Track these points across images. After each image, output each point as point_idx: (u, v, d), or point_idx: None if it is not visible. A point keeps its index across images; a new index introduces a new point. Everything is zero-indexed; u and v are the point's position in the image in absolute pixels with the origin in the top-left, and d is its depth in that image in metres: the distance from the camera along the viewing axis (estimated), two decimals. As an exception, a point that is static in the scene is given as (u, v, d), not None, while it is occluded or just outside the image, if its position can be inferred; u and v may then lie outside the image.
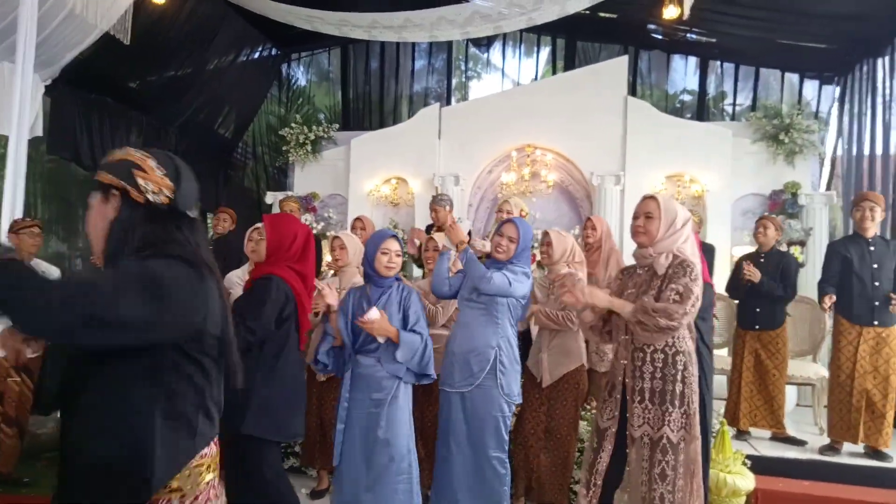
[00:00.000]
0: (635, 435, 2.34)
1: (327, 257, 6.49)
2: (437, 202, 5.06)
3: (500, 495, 2.96)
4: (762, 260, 4.49)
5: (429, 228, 5.29)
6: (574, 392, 3.37)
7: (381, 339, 2.75)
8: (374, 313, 2.67)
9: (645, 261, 2.45)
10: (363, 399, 2.81)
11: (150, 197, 1.33)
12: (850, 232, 4.45)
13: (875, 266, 4.10)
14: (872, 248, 4.14)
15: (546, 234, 3.51)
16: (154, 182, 1.33)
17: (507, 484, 3.01)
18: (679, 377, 2.35)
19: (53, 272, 4.05)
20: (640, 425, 2.34)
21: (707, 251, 4.35)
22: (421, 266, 5.49)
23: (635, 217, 2.48)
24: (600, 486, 2.36)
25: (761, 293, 4.36)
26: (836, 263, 4.22)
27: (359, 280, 3.62)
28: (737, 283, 4.50)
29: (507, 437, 3.01)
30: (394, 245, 2.88)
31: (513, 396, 3.02)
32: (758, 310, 4.44)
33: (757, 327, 4.46)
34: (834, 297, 4.13)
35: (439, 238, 3.78)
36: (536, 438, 3.33)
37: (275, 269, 2.62)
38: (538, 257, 3.62)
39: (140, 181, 1.32)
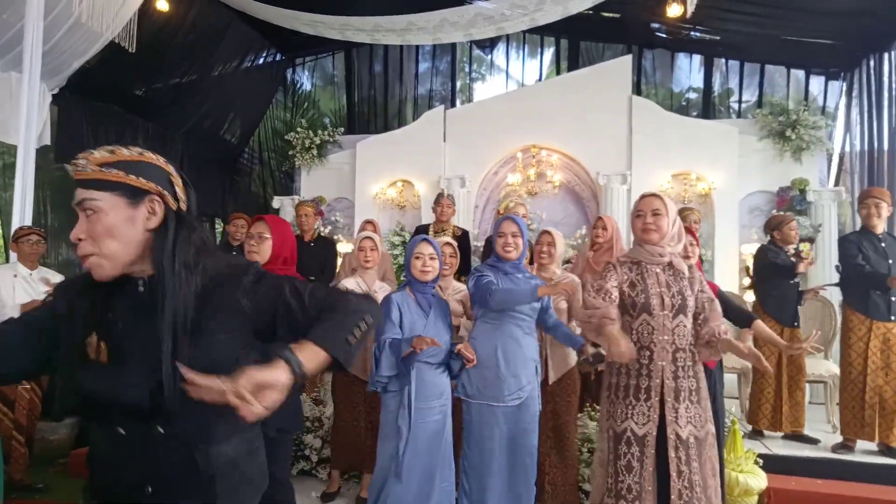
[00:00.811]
0: (682, 436, 2.30)
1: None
2: (444, 197, 5.18)
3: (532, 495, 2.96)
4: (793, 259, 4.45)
5: (425, 228, 5.30)
6: (574, 389, 3.40)
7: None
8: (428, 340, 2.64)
9: (661, 259, 2.42)
10: (424, 408, 2.78)
11: (182, 204, 1.28)
12: (858, 228, 4.40)
13: (891, 261, 4.06)
14: (884, 244, 4.11)
15: (548, 233, 3.48)
16: (180, 188, 1.29)
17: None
18: (703, 374, 2.41)
19: (59, 280, 4.07)
20: (685, 425, 2.32)
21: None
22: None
23: (640, 215, 2.44)
24: (652, 492, 2.31)
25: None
26: (855, 251, 4.12)
27: (381, 283, 3.62)
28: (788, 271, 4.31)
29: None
30: (426, 248, 2.87)
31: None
32: (800, 307, 4.39)
33: (796, 324, 4.37)
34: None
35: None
36: (545, 438, 3.31)
37: (290, 270, 2.62)
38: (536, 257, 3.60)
39: (177, 189, 1.27)
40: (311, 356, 1.13)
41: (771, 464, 3.71)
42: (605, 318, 2.29)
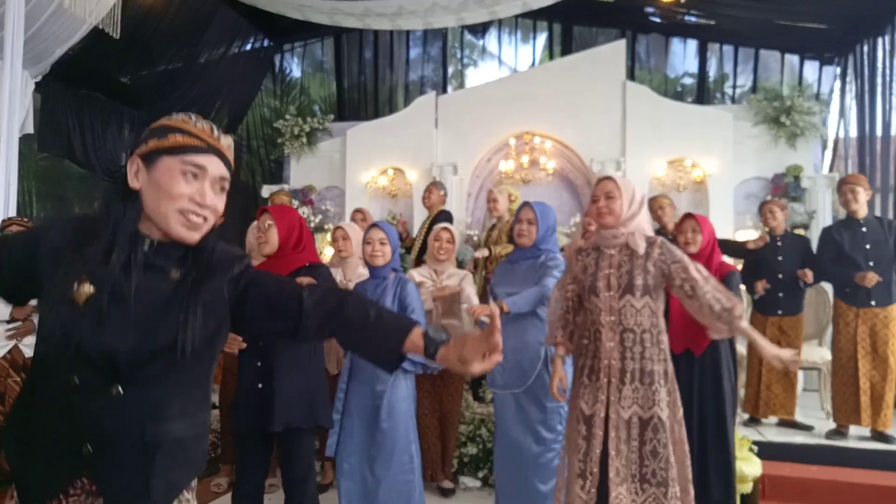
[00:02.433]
0: (624, 416, 2.33)
1: (326, 250, 6.49)
2: (431, 184, 5.31)
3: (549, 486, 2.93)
4: (780, 244, 4.45)
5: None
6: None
7: None
8: None
9: (616, 241, 2.44)
10: (363, 390, 2.80)
11: None
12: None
13: (868, 247, 4.06)
14: (865, 229, 4.11)
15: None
16: None
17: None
18: (663, 356, 2.39)
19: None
20: (629, 406, 2.33)
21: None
22: (408, 251, 5.51)
23: (595, 200, 2.47)
24: (597, 474, 2.33)
25: (784, 278, 4.32)
26: (829, 250, 4.20)
27: (364, 272, 3.59)
28: (754, 269, 4.40)
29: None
30: (377, 234, 2.87)
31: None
32: (780, 295, 4.38)
33: (780, 313, 4.40)
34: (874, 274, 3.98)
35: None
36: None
37: (311, 257, 2.65)
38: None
39: None
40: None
41: (765, 450, 3.73)
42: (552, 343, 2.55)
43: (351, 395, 2.84)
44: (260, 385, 2.41)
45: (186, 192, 1.20)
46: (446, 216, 5.17)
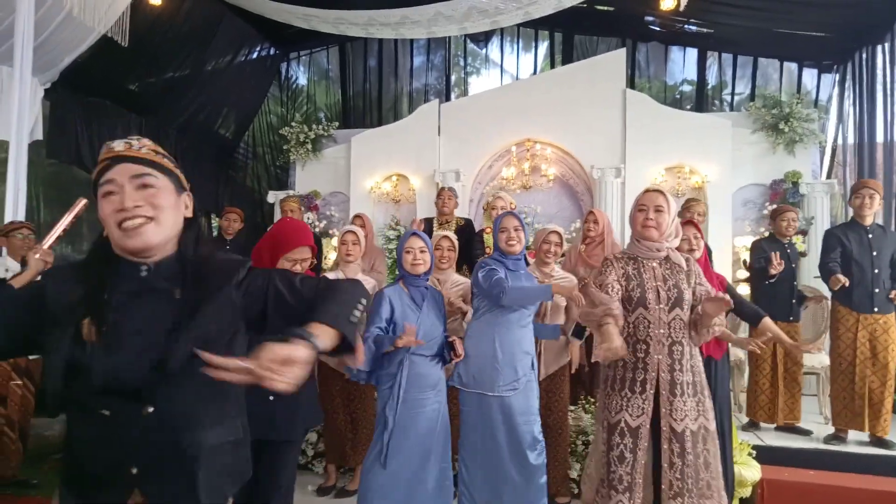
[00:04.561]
0: (678, 429, 2.31)
1: (330, 255, 6.54)
2: (445, 189, 5.27)
3: (541, 489, 2.93)
4: (788, 251, 4.48)
5: (431, 221, 5.30)
6: (565, 385, 3.47)
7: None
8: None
9: (658, 254, 2.44)
10: (419, 398, 2.79)
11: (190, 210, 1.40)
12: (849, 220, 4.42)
13: (874, 253, 4.08)
14: (871, 236, 4.12)
15: (558, 233, 3.46)
16: (189, 196, 1.42)
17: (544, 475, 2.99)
18: (700, 368, 2.41)
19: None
20: (681, 419, 2.32)
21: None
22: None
23: (643, 210, 2.44)
24: (640, 484, 2.32)
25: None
26: (834, 249, 4.18)
27: (362, 276, 3.64)
28: (763, 274, 4.34)
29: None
30: (416, 242, 2.90)
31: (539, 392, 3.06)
32: (794, 301, 4.41)
33: (791, 319, 4.40)
34: (843, 278, 3.96)
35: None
36: None
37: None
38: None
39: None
40: (321, 334, 1.19)
41: (764, 455, 3.74)
42: (608, 315, 2.27)
43: (406, 405, 2.78)
44: (272, 397, 2.20)
45: (110, 209, 1.25)
46: (470, 227, 5.24)
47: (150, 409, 1.22)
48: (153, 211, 1.25)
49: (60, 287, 1.26)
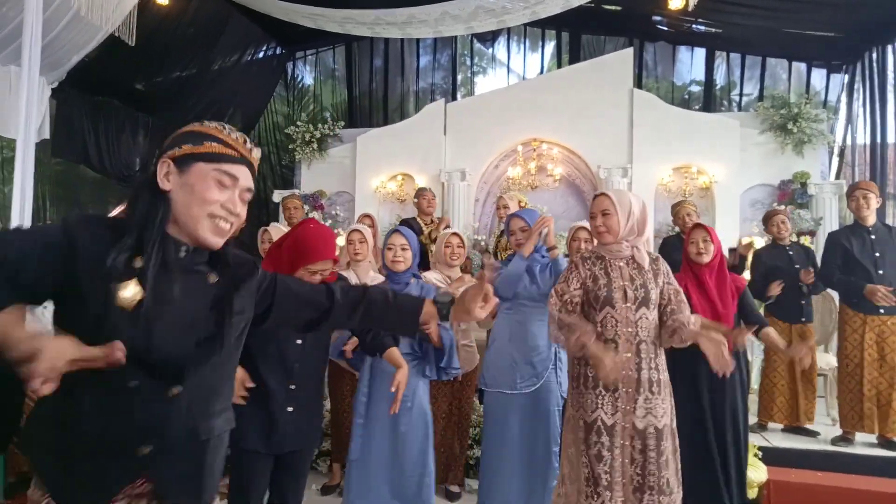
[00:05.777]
0: (640, 426, 2.34)
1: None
2: (428, 190, 5.47)
3: (550, 492, 2.91)
4: (791, 253, 4.46)
5: (408, 222, 5.34)
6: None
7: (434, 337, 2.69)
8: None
9: (622, 254, 2.47)
10: (384, 394, 2.76)
11: None
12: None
13: (877, 254, 4.05)
14: (874, 237, 4.09)
15: (586, 230, 3.41)
16: None
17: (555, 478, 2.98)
18: (663, 366, 2.43)
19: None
20: (643, 416, 2.35)
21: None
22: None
23: (592, 217, 2.50)
24: (619, 482, 2.33)
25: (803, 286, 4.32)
26: (837, 255, 4.16)
27: (374, 275, 3.64)
28: (766, 281, 4.33)
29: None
30: (398, 240, 2.90)
31: (564, 390, 3.00)
32: (803, 302, 4.40)
33: (803, 320, 4.39)
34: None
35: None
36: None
37: None
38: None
39: None
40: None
41: (771, 456, 3.73)
42: (583, 339, 2.24)
43: (372, 399, 2.83)
44: (290, 409, 2.22)
45: (219, 199, 1.23)
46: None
47: (177, 390, 1.20)
48: (238, 224, 1.30)
49: (96, 243, 1.16)
